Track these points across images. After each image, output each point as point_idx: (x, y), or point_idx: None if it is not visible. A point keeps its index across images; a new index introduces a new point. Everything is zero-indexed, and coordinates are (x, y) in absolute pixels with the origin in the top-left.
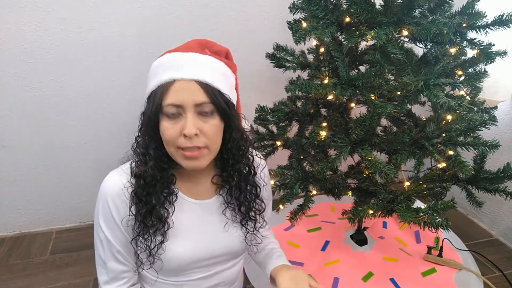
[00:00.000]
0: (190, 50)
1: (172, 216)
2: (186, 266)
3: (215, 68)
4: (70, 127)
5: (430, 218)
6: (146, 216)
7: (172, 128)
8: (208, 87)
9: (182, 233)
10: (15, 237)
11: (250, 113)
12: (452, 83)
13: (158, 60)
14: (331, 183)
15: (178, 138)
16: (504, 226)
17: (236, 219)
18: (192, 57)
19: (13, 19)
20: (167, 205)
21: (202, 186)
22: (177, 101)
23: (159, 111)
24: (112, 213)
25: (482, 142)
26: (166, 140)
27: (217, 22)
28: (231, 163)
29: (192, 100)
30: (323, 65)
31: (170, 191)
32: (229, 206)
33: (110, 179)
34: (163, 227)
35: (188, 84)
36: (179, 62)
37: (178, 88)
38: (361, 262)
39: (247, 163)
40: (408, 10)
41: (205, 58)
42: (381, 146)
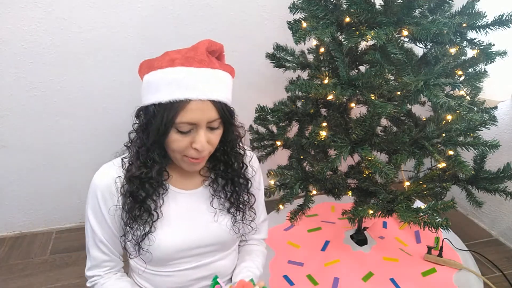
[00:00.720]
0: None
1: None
2: (174, 255)
3: (224, 83)
4: (70, 127)
5: (430, 218)
6: (134, 208)
7: (182, 141)
8: (219, 104)
9: (170, 222)
10: (15, 237)
11: (250, 113)
12: (452, 83)
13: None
14: (331, 183)
15: (187, 149)
16: (504, 226)
17: (224, 208)
18: (206, 76)
19: (13, 19)
20: (156, 197)
21: (190, 177)
22: (192, 120)
23: (170, 125)
24: (100, 205)
25: (482, 142)
26: (174, 150)
27: (217, 22)
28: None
29: (206, 118)
30: (323, 65)
31: (159, 184)
32: (216, 195)
33: (101, 172)
34: (151, 218)
35: (203, 104)
36: (193, 81)
37: (193, 108)
38: (361, 262)
39: (238, 157)
40: (408, 10)
41: (216, 75)
42: (381, 146)
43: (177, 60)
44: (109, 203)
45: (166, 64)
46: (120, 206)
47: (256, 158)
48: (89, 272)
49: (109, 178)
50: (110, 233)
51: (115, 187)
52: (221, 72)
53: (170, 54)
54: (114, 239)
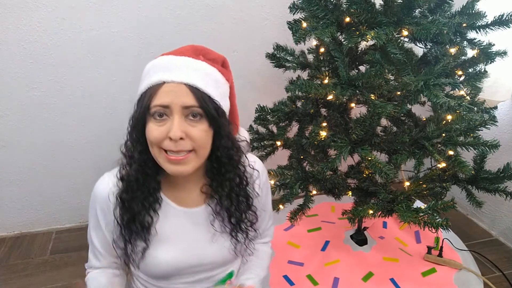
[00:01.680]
0: (184, 54)
1: (156, 224)
2: (171, 272)
3: (207, 74)
4: (70, 127)
5: (430, 218)
6: (129, 221)
7: (157, 130)
8: (198, 91)
9: (167, 240)
10: (15, 237)
11: (250, 113)
12: (452, 83)
13: (150, 63)
14: (331, 183)
15: (163, 140)
16: (504, 226)
17: (225, 230)
18: (184, 61)
19: (13, 19)
20: (151, 212)
21: (191, 194)
22: (164, 102)
23: (146, 112)
24: (98, 216)
25: (482, 142)
26: (150, 141)
27: (217, 22)
28: (222, 172)
29: (181, 102)
30: (323, 65)
31: (155, 198)
32: (217, 217)
33: (100, 183)
34: (146, 234)
35: (177, 87)
36: (170, 64)
37: (166, 90)
38: (361, 262)
39: (238, 173)
40: (408, 10)
41: (197, 63)
42: (381, 146)
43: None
44: (107, 216)
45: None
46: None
47: (267, 178)
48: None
49: (106, 189)
50: (106, 245)
51: (111, 199)
52: (206, 64)
53: None
54: (111, 250)
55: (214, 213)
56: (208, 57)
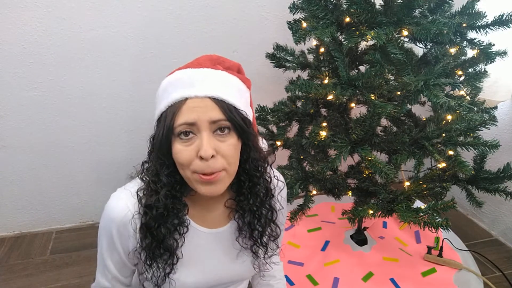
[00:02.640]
0: (202, 66)
1: (182, 248)
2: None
3: (229, 84)
4: (70, 127)
5: (430, 218)
6: (154, 248)
7: (185, 150)
8: (223, 103)
9: (191, 263)
10: (15, 237)
11: None
12: (452, 83)
13: (166, 80)
14: (331, 183)
15: (194, 161)
16: (504, 226)
17: (247, 246)
18: (204, 73)
19: (13, 19)
20: (177, 235)
21: (215, 213)
22: (190, 119)
23: (171, 133)
24: (114, 239)
25: (482, 142)
26: (181, 164)
27: (217, 22)
28: (247, 186)
29: (207, 117)
30: (323, 65)
31: (181, 221)
32: (241, 234)
33: (117, 203)
34: (172, 259)
35: (202, 102)
36: (190, 79)
37: (191, 106)
38: (361, 262)
39: (265, 185)
40: (408, 10)
41: (218, 74)
42: (381, 146)
43: (177, 68)
44: (125, 239)
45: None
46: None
47: (286, 190)
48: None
49: (127, 213)
50: (122, 266)
51: (133, 225)
52: (226, 73)
53: None
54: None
55: (239, 230)
56: (224, 65)
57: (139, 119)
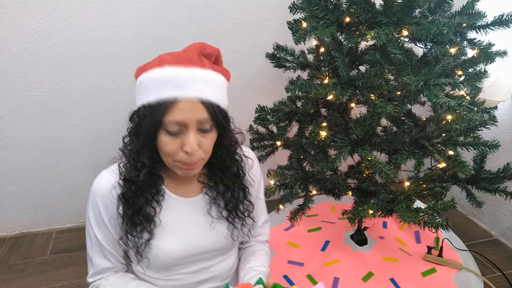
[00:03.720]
0: (190, 62)
1: (159, 215)
2: (173, 262)
3: (215, 83)
4: (70, 127)
5: (430, 218)
6: (133, 215)
7: (172, 143)
8: (210, 104)
9: (169, 230)
10: (15, 237)
11: (250, 113)
12: (452, 83)
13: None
14: (331, 183)
15: (178, 152)
16: (504, 226)
17: (222, 216)
18: (195, 75)
19: (13, 19)
20: (154, 204)
21: (189, 184)
22: (180, 119)
23: (159, 126)
24: (101, 212)
25: (482, 142)
26: (165, 153)
27: (217, 22)
28: (221, 167)
29: (196, 118)
30: (323, 65)
31: (157, 190)
32: (214, 203)
33: (100, 179)
34: (150, 225)
35: (192, 103)
36: (182, 79)
37: (181, 107)
38: (361, 262)
39: (236, 164)
40: (408, 10)
41: (206, 74)
42: (381, 146)
43: (165, 60)
44: (110, 210)
45: (155, 65)
46: (120, 213)
47: (257, 164)
48: (91, 279)
49: (108, 185)
50: (113, 240)
51: (114, 194)
52: (213, 72)
53: (161, 56)
54: (117, 246)
55: (211, 201)
56: (206, 53)
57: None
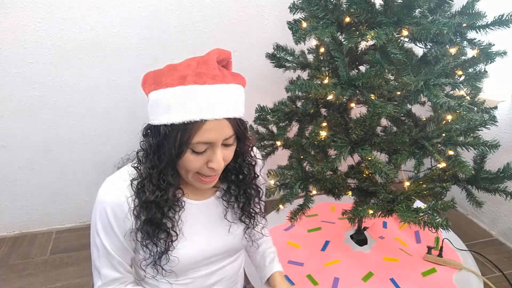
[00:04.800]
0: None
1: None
2: (189, 266)
3: (238, 96)
4: (70, 127)
5: (430, 218)
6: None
7: (197, 161)
8: (234, 120)
9: (185, 236)
10: (15, 237)
11: (250, 113)
12: (452, 83)
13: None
14: (331, 183)
15: (202, 168)
16: (504, 226)
17: (236, 218)
18: (220, 93)
19: (13, 19)
20: (172, 214)
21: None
22: (208, 140)
23: (185, 146)
24: (110, 222)
25: (482, 142)
26: (188, 170)
27: (217, 22)
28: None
29: (222, 136)
30: (323, 65)
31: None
32: (229, 207)
33: (109, 190)
34: (169, 238)
35: (219, 123)
36: (208, 100)
37: (209, 128)
38: (361, 262)
39: (250, 168)
40: (408, 10)
41: (230, 90)
42: (381, 146)
43: (188, 77)
44: (121, 221)
45: (176, 82)
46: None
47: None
48: None
49: (120, 196)
50: (121, 249)
51: (127, 207)
52: (234, 85)
53: (179, 69)
54: (126, 255)
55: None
56: (220, 58)
57: (139, 119)
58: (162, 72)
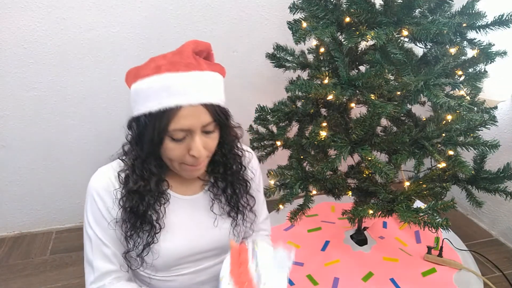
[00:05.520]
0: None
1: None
2: (175, 261)
3: (215, 84)
4: (70, 127)
5: (430, 218)
6: (136, 221)
7: (177, 149)
8: (212, 106)
9: (171, 230)
10: (15, 237)
11: (250, 113)
12: (452, 83)
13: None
14: (331, 183)
15: (184, 156)
16: (504, 226)
17: (224, 212)
18: (194, 79)
19: (13, 19)
20: (157, 207)
21: (190, 183)
22: (185, 126)
23: (164, 134)
24: (100, 209)
25: (482, 142)
26: (171, 158)
27: (217, 22)
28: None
29: (200, 123)
30: (323, 65)
31: (163, 196)
32: (216, 199)
33: (98, 175)
34: (153, 229)
35: (195, 109)
36: (182, 86)
37: (185, 114)
38: (361, 262)
39: (237, 159)
40: (408, 10)
41: (205, 77)
42: (381, 146)
43: (163, 66)
44: (110, 208)
45: (152, 72)
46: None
47: (256, 158)
48: (93, 285)
49: (109, 183)
50: (115, 238)
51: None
52: (211, 73)
53: (155, 60)
54: (118, 244)
55: (213, 198)
56: (198, 49)
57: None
58: (141, 65)
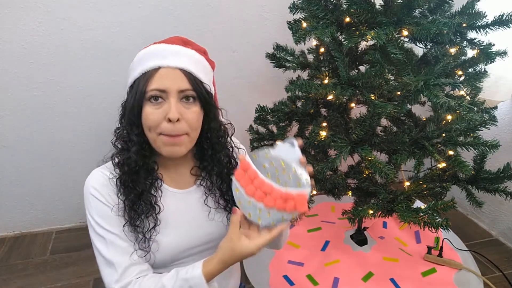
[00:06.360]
0: (173, 42)
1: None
2: (174, 256)
3: (197, 61)
4: (70, 127)
5: (430, 218)
6: (135, 201)
7: (155, 113)
8: (191, 75)
9: (168, 223)
10: (15, 237)
11: (250, 113)
12: (452, 83)
13: (142, 51)
14: (331, 183)
15: (161, 123)
16: (504, 226)
17: (219, 206)
18: (177, 49)
19: (13, 19)
20: (154, 191)
21: (183, 177)
22: (161, 86)
23: (143, 97)
24: (101, 200)
25: (482, 142)
26: (149, 125)
27: (217, 22)
28: (210, 154)
29: (177, 86)
30: (323, 65)
31: (154, 177)
32: (210, 194)
33: (93, 174)
34: (154, 210)
35: (173, 72)
36: (164, 52)
37: (163, 74)
38: (361, 262)
39: (227, 153)
40: (408, 10)
41: (188, 51)
42: (381, 146)
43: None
44: (110, 200)
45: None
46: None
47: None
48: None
49: (101, 174)
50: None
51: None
52: (195, 52)
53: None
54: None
55: (206, 192)
56: (193, 47)
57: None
58: None
